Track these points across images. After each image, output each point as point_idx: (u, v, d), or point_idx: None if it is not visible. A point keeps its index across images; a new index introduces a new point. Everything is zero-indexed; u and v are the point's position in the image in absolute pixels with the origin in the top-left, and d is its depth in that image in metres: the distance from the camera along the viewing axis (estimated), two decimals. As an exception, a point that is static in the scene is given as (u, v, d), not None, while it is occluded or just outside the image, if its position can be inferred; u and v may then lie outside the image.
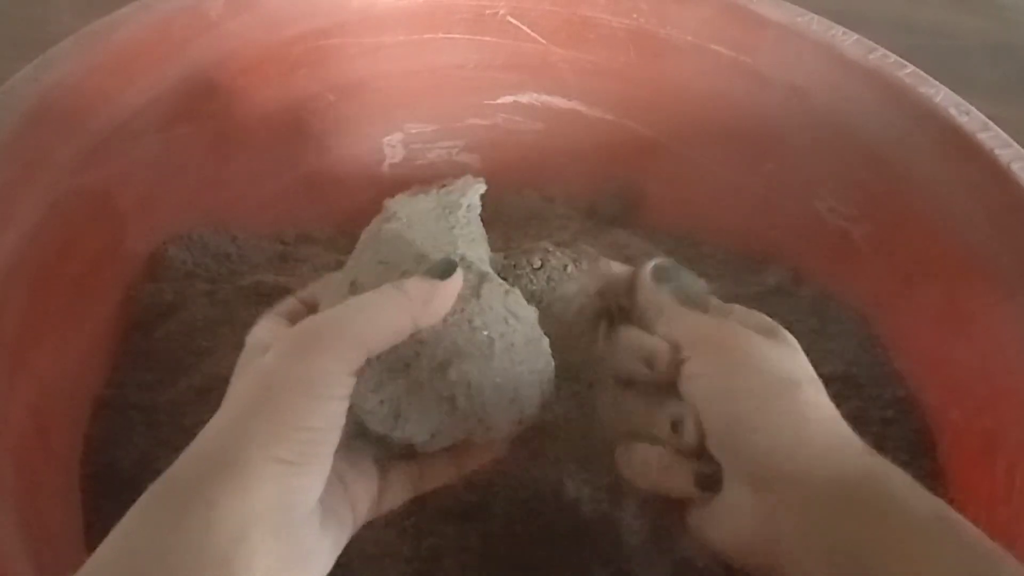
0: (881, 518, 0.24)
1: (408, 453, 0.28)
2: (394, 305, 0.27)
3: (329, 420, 0.25)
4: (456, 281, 0.28)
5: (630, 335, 0.31)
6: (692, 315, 0.31)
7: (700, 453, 0.29)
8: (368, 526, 0.29)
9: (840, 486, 0.25)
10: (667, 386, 0.30)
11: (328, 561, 0.27)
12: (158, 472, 0.38)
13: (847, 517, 0.25)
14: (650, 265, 0.33)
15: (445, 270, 0.28)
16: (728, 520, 0.28)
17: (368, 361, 0.26)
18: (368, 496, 0.29)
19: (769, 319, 0.31)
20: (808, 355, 0.30)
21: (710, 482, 0.28)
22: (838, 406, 0.43)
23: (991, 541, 0.24)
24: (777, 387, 0.28)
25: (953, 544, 0.23)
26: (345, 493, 0.28)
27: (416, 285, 0.27)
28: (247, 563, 0.23)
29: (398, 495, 0.30)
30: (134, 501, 0.36)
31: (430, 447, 0.28)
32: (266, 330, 0.29)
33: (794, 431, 0.27)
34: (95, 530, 0.35)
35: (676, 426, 0.29)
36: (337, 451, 0.25)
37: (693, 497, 0.29)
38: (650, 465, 0.30)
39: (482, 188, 0.33)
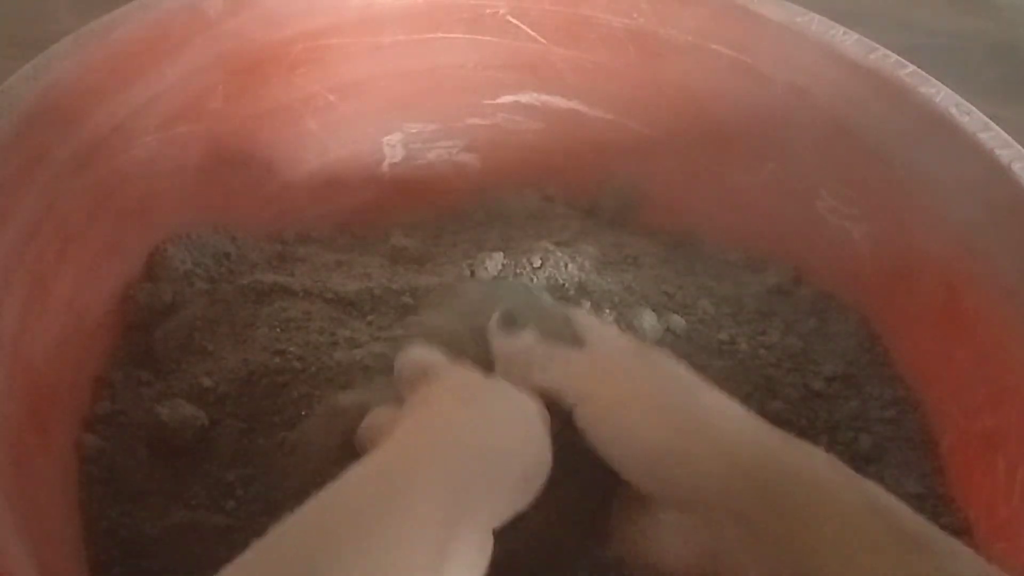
0: (810, 517, 0.24)
1: None
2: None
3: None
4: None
5: None
6: (561, 361, 0.31)
7: None
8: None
9: (763, 491, 0.25)
10: None
11: None
12: (155, 472, 0.38)
13: (777, 520, 0.24)
14: (495, 317, 0.34)
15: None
16: (671, 542, 0.27)
17: None
18: None
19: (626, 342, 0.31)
20: (808, 355, 0.30)
21: None
22: (838, 406, 0.43)
23: (924, 524, 0.24)
24: (660, 411, 0.27)
25: (884, 533, 0.23)
26: None
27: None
28: None
29: None
30: (133, 501, 0.36)
31: None
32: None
33: (697, 449, 0.26)
34: (93, 530, 0.35)
35: None
36: None
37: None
38: None
39: None
